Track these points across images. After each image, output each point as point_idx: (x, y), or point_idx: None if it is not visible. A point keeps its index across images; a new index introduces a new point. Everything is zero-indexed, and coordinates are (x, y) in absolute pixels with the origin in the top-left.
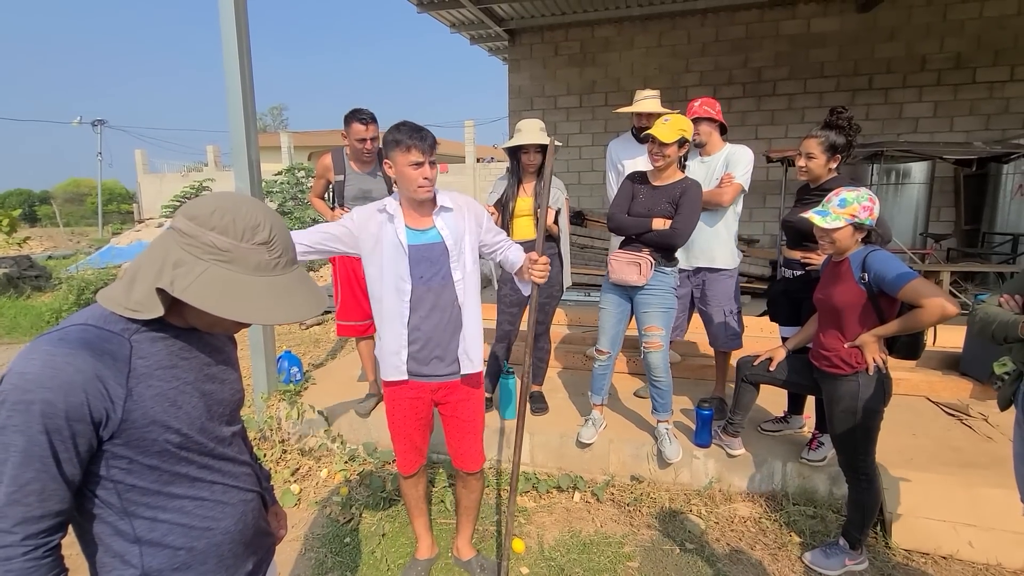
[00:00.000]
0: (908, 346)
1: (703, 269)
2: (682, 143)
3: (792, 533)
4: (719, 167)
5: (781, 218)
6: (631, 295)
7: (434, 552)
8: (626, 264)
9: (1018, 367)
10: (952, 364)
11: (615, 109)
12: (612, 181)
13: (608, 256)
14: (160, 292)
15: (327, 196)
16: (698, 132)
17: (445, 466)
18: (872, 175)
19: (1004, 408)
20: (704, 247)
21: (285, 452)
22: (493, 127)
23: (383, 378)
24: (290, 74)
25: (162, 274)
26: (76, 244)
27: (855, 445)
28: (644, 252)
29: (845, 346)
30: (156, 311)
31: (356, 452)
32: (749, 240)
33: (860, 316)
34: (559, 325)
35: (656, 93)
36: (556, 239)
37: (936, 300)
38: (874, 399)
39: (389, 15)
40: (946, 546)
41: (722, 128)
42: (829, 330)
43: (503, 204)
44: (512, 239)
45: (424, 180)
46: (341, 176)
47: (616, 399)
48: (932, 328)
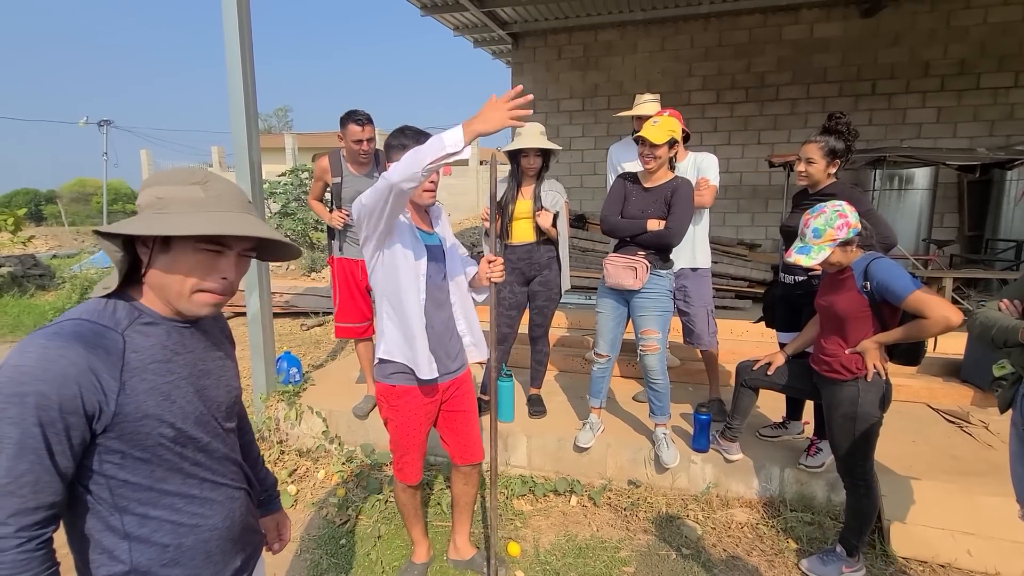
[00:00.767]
0: (908, 353)
1: (684, 269)
2: (672, 143)
3: (789, 539)
4: (689, 174)
5: (780, 223)
6: (627, 298)
7: (430, 556)
8: (622, 268)
9: (1017, 371)
10: (953, 371)
11: (616, 113)
12: None
13: (603, 260)
14: (123, 259)
15: (326, 199)
16: None
17: (441, 468)
18: (875, 181)
19: (1004, 410)
20: (686, 248)
21: (283, 453)
22: None
23: (393, 384)
24: (294, 76)
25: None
26: (80, 243)
27: (854, 451)
28: (639, 255)
29: (846, 352)
30: (114, 282)
31: (354, 453)
32: (751, 244)
33: (862, 323)
34: (558, 328)
35: (656, 97)
36: (555, 242)
37: (940, 311)
38: (873, 405)
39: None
40: (944, 554)
41: (686, 137)
42: (830, 336)
43: (502, 207)
44: (512, 241)
45: (431, 184)
46: (338, 178)
47: (614, 403)
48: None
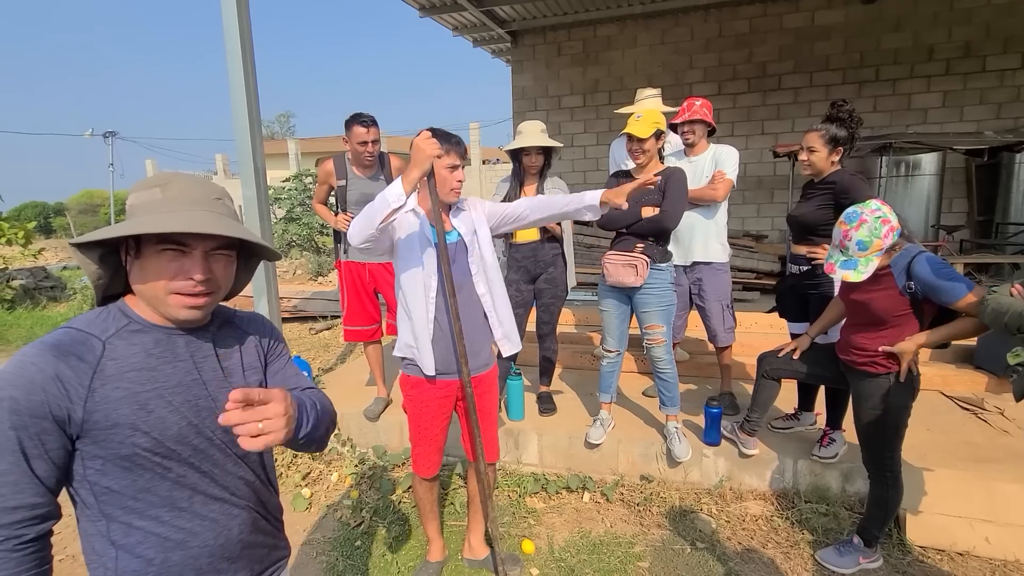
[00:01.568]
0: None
1: (699, 264)
2: (658, 135)
3: (804, 531)
4: (707, 166)
5: (787, 213)
6: (630, 295)
7: (445, 555)
8: (622, 267)
9: None
10: (966, 357)
11: (616, 110)
12: None
13: (602, 259)
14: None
15: (331, 203)
16: (692, 132)
17: (455, 467)
18: (881, 167)
19: (1020, 399)
20: (700, 242)
21: (296, 456)
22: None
23: (408, 374)
24: (295, 81)
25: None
26: None
27: (883, 442)
28: (637, 249)
29: (881, 349)
30: (98, 295)
31: (366, 455)
32: (757, 236)
33: (902, 321)
34: (566, 325)
35: (657, 92)
36: (559, 239)
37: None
38: (904, 396)
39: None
40: (962, 542)
41: (711, 130)
42: (862, 329)
43: None
44: (516, 240)
45: (457, 183)
46: (343, 181)
47: (624, 398)
48: None
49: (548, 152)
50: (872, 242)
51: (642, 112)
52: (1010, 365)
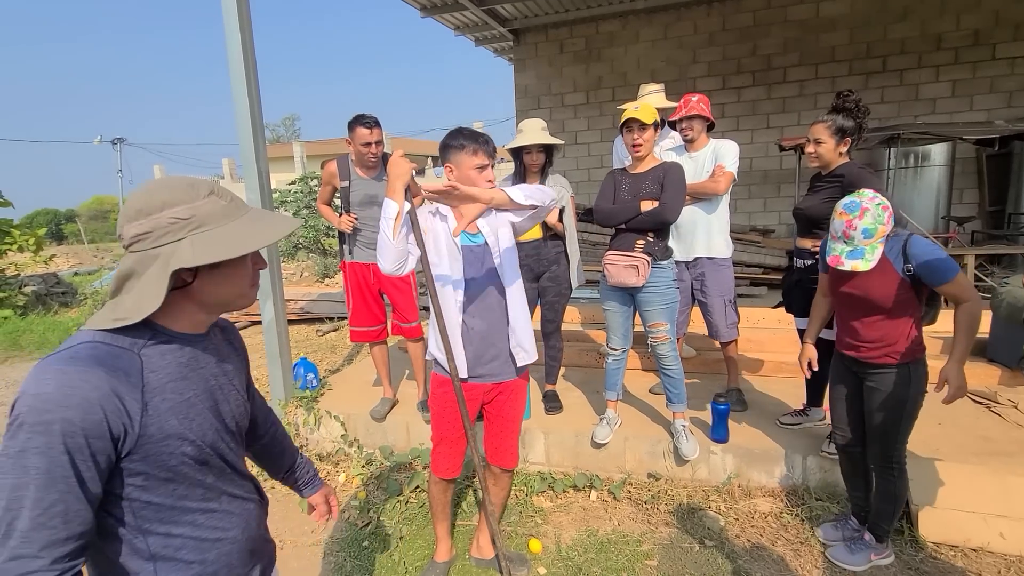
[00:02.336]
0: (929, 317)
1: (701, 259)
2: (656, 126)
3: (815, 528)
4: (707, 161)
5: (793, 207)
6: (632, 294)
7: (452, 555)
8: (623, 267)
9: None
10: (978, 350)
11: (619, 106)
12: None
13: (603, 259)
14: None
15: (336, 204)
16: (691, 127)
17: (466, 467)
18: (890, 159)
19: None
20: (703, 237)
21: None
22: (502, 127)
23: (438, 373)
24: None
25: (164, 267)
26: (100, 260)
27: (897, 435)
28: (637, 250)
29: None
30: (150, 307)
31: (373, 456)
32: (764, 231)
33: (906, 307)
34: (571, 324)
35: (660, 87)
36: (562, 237)
37: (975, 293)
38: (920, 384)
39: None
40: (976, 538)
41: (710, 125)
42: (867, 320)
43: None
44: (519, 238)
45: (488, 183)
46: (346, 182)
47: (631, 396)
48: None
49: (549, 150)
50: (877, 229)
51: (639, 103)
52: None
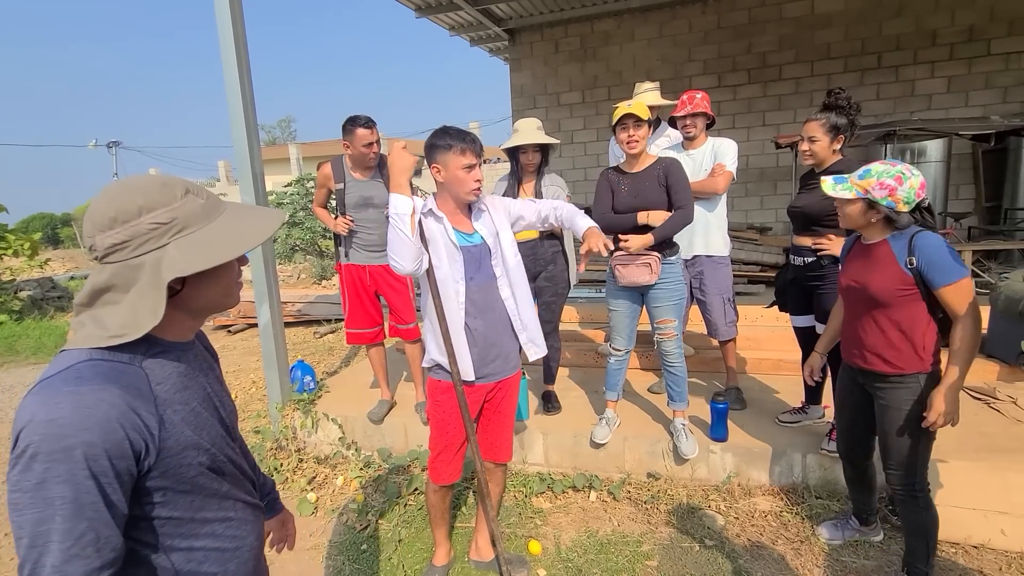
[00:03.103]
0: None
1: (700, 257)
2: (650, 123)
3: (815, 526)
4: (706, 159)
5: (789, 205)
6: (642, 292)
7: (451, 557)
8: (636, 267)
9: None
10: None
11: (614, 104)
12: None
13: (611, 261)
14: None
15: (331, 206)
16: (694, 124)
17: (464, 469)
18: (886, 156)
19: None
20: (701, 235)
21: (301, 461)
22: (498, 127)
23: (437, 379)
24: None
25: (155, 277)
26: None
27: (916, 458)
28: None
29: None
30: (151, 321)
31: (371, 459)
32: (761, 228)
33: (909, 305)
34: (569, 323)
35: (656, 85)
36: (559, 237)
37: (977, 311)
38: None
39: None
40: (977, 535)
41: (709, 123)
42: (869, 324)
43: None
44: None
45: (476, 183)
46: (341, 184)
47: (630, 395)
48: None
49: (545, 149)
50: (867, 178)
51: (632, 101)
52: (1022, 353)
